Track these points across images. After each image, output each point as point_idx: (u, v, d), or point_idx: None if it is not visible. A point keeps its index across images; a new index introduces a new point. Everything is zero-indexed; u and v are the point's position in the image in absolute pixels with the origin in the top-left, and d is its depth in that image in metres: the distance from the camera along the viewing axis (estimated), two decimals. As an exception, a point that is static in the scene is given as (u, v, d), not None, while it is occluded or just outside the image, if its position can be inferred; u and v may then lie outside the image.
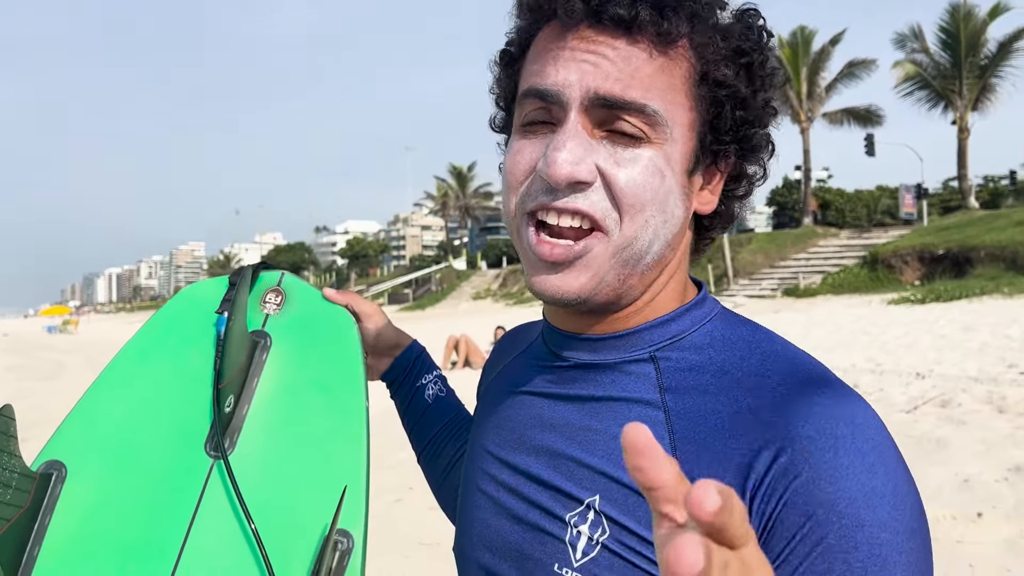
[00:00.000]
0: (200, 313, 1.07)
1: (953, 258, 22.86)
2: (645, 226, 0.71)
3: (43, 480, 0.97)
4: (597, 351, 0.77)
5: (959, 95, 31.05)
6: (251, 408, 1.02)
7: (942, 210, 36.67)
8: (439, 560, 4.16)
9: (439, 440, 1.13)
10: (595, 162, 0.69)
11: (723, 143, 0.74)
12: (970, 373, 8.66)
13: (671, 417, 0.70)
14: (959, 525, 4.22)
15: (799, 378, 0.68)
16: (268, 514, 0.95)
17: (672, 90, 0.70)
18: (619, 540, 0.68)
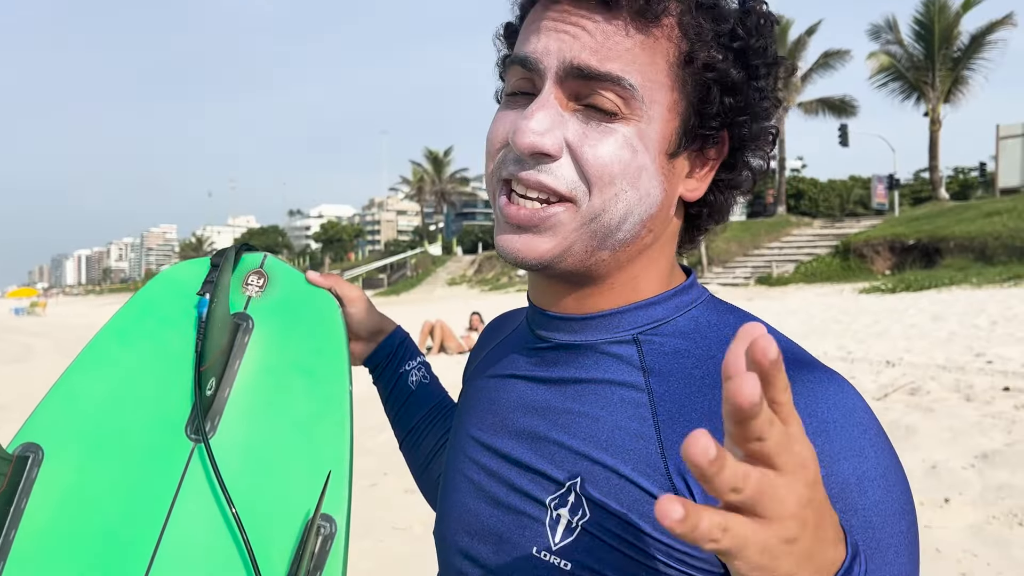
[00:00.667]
0: (181, 295, 1.06)
1: (923, 248, 23.15)
2: (615, 199, 0.70)
3: (19, 463, 0.95)
4: (578, 332, 0.77)
5: (932, 87, 31.37)
6: (232, 391, 1.00)
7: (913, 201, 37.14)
8: (413, 543, 4.17)
9: (421, 427, 1.12)
10: (564, 135, 0.69)
11: (711, 128, 0.72)
12: (938, 361, 8.78)
13: (655, 399, 0.70)
14: (927, 510, 4.29)
15: (787, 358, 0.67)
16: (249, 498, 0.94)
17: (652, 67, 0.69)
18: (599, 523, 0.68)
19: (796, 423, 0.44)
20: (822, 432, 0.63)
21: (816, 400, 0.64)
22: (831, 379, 0.66)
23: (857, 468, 0.62)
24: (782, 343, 0.70)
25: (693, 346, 0.72)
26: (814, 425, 0.63)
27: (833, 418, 0.63)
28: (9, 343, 22.03)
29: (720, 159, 0.76)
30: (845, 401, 0.65)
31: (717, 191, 0.78)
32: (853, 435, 0.63)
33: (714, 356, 0.70)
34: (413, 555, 4.00)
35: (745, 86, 0.72)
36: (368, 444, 5.73)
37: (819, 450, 0.62)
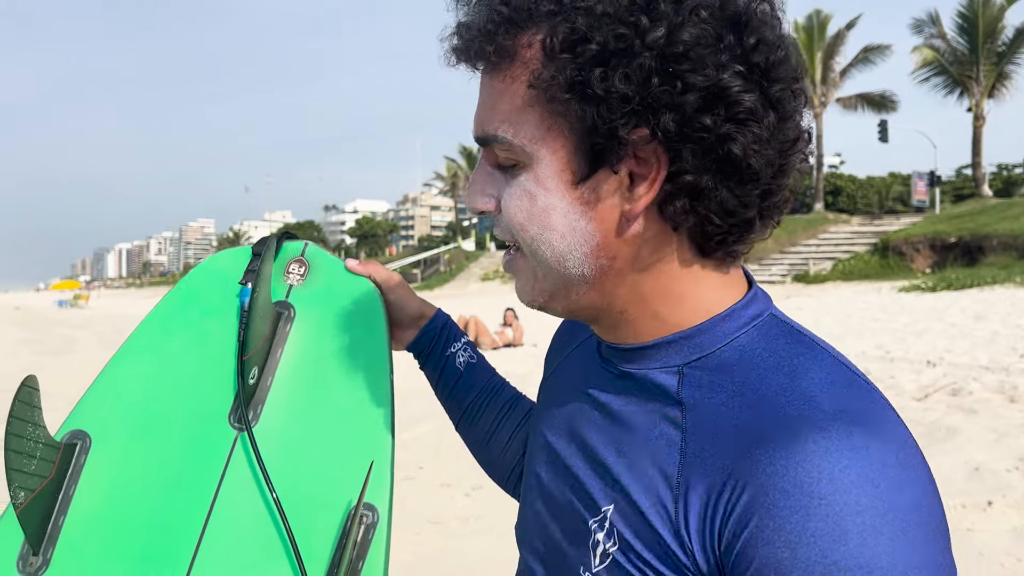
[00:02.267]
0: (222, 284, 1.06)
1: (965, 246, 22.72)
2: (535, 242, 0.71)
3: (67, 450, 0.97)
4: (630, 361, 0.75)
5: (976, 82, 30.76)
6: (275, 380, 1.01)
7: (955, 198, 36.44)
8: (449, 538, 4.19)
9: (476, 408, 1.13)
10: (496, 191, 0.74)
11: (599, 144, 0.65)
12: (981, 362, 8.62)
13: (686, 438, 0.67)
14: (969, 513, 4.22)
15: (810, 412, 0.61)
16: (291, 487, 0.95)
17: (516, 110, 0.68)
18: (625, 554, 0.68)
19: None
20: (800, 510, 0.57)
21: (815, 470, 0.58)
22: (842, 443, 0.58)
23: (828, 554, 0.55)
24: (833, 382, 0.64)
25: (729, 380, 0.68)
26: (797, 501, 0.57)
27: (820, 493, 0.57)
28: (53, 335, 22.50)
29: (662, 162, 0.65)
30: (848, 473, 0.57)
31: (676, 197, 0.67)
32: (837, 516, 0.56)
33: (744, 393, 0.66)
34: (449, 549, 4.02)
35: (616, 86, 0.62)
36: (403, 437, 5.76)
37: (791, 530, 0.57)
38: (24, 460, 0.89)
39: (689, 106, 0.62)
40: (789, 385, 0.64)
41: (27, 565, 0.94)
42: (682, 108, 0.63)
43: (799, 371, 0.65)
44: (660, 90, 0.62)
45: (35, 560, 0.93)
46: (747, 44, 0.64)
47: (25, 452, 0.89)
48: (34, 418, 0.91)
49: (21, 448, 0.89)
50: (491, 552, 3.87)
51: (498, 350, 12.85)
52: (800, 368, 0.66)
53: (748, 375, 0.67)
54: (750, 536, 0.59)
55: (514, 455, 1.12)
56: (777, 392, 0.64)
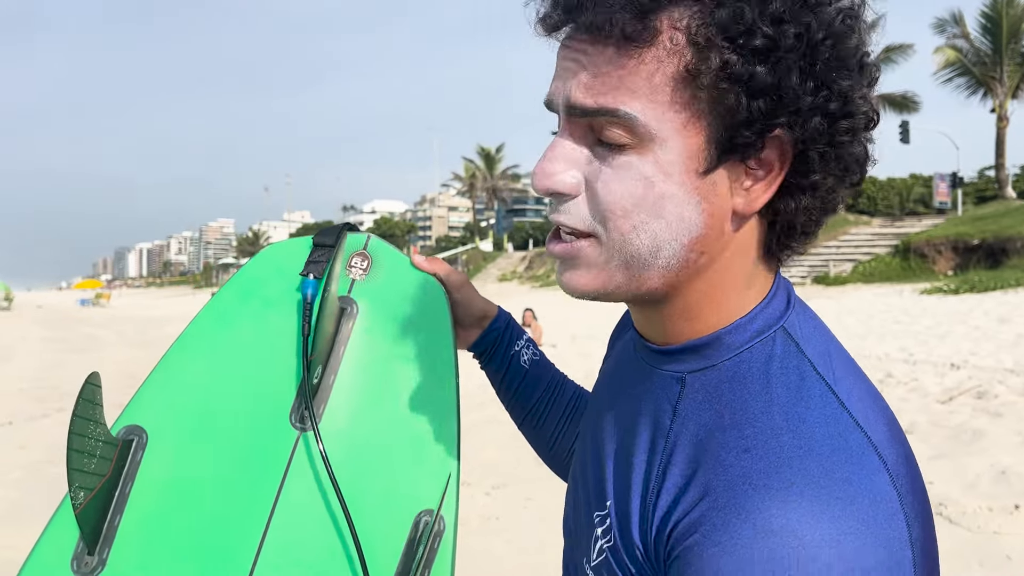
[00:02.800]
0: (283, 275, 1.02)
1: (988, 248, 22.47)
2: (635, 231, 0.66)
3: (124, 447, 0.94)
4: (653, 360, 0.76)
5: (999, 82, 30.42)
6: (337, 379, 0.98)
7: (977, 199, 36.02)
8: (469, 537, 4.19)
9: (540, 407, 1.11)
10: (580, 171, 0.68)
11: (745, 137, 0.64)
12: (1006, 365, 8.52)
13: (669, 446, 0.68)
14: (996, 516, 4.17)
15: (759, 459, 0.60)
16: (354, 490, 0.92)
17: (653, 90, 0.64)
18: (612, 550, 0.69)
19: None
20: (719, 544, 0.57)
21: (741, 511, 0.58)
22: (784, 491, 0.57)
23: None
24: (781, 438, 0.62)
25: (716, 399, 0.68)
26: (721, 539, 0.57)
27: (741, 534, 0.57)
28: (76, 334, 22.72)
29: (786, 160, 0.66)
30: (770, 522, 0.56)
31: (789, 196, 0.68)
32: (748, 559, 0.55)
33: (721, 415, 0.66)
34: (471, 548, 4.02)
35: (781, 83, 0.63)
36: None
37: (707, 564, 0.57)
38: (85, 459, 0.87)
39: (834, 112, 0.64)
40: (761, 417, 0.64)
41: (82, 565, 0.91)
42: (829, 113, 0.64)
43: (776, 403, 0.64)
44: (817, 94, 0.64)
45: (90, 560, 0.91)
46: (862, 53, 0.67)
47: (87, 451, 0.87)
48: (96, 416, 0.89)
49: (83, 447, 0.87)
50: (512, 550, 3.87)
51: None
52: (779, 400, 0.65)
53: (734, 394, 0.67)
54: (675, 558, 0.60)
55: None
56: (751, 419, 0.64)
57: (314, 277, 0.98)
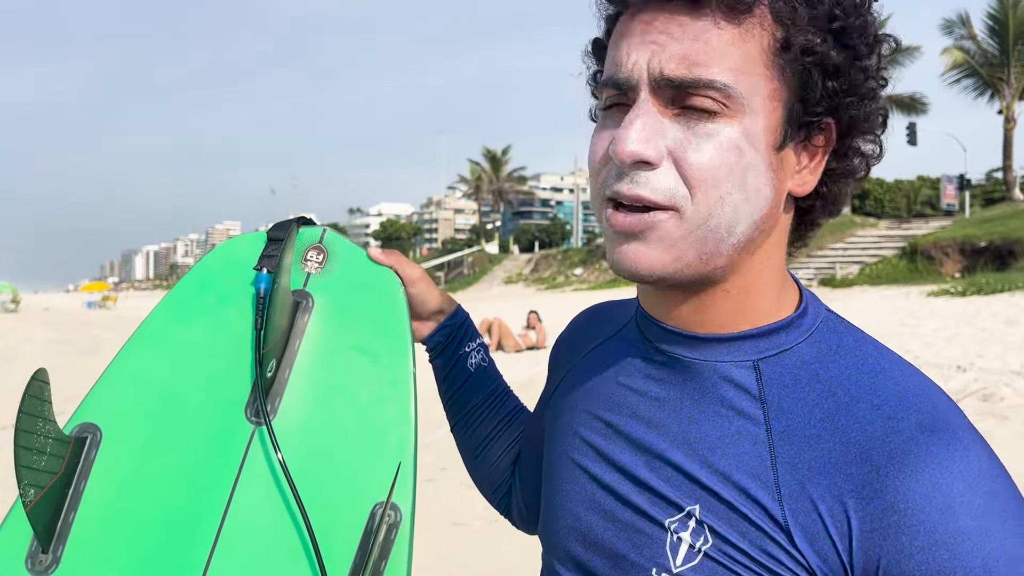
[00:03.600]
0: (237, 270, 1.02)
1: (996, 250, 22.39)
2: (721, 203, 0.67)
3: (77, 444, 0.94)
4: (698, 350, 0.74)
5: (1007, 84, 30.34)
6: (292, 372, 0.98)
7: (985, 201, 35.94)
8: (471, 539, 4.18)
9: (478, 412, 1.11)
10: (664, 143, 0.67)
11: (815, 115, 0.69)
12: (1013, 367, 8.48)
13: (773, 438, 0.68)
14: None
15: (914, 416, 0.64)
16: (310, 483, 0.92)
17: (747, 60, 0.66)
18: (722, 551, 0.67)
19: None
20: (947, 510, 0.60)
21: (944, 473, 0.61)
22: (960, 442, 0.62)
23: (981, 547, 0.59)
24: (909, 383, 0.68)
25: (814, 377, 0.69)
26: (939, 502, 0.60)
27: (959, 491, 0.60)
28: (83, 336, 22.78)
29: (829, 147, 0.72)
30: (971, 470, 0.61)
31: (829, 181, 0.74)
32: (977, 510, 0.60)
33: (835, 393, 0.68)
34: (471, 550, 4.00)
35: (847, 67, 0.69)
36: (426, 439, 5.76)
37: (944, 531, 0.59)
38: (35, 456, 0.86)
39: (879, 99, 0.72)
40: (878, 384, 0.67)
41: (36, 563, 0.91)
42: (877, 99, 0.72)
43: (878, 371, 0.68)
44: (875, 80, 0.71)
45: (44, 558, 0.91)
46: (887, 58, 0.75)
47: (35, 448, 0.86)
48: (44, 412, 0.88)
49: (31, 444, 0.86)
50: (513, 553, 3.85)
51: (521, 352, 12.84)
52: (878, 367, 0.69)
53: (832, 372, 0.69)
54: (900, 547, 0.60)
55: (504, 470, 1.12)
56: (868, 392, 0.67)
57: (268, 271, 0.97)
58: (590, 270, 36.93)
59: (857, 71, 0.69)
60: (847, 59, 0.69)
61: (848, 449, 0.64)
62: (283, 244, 1.00)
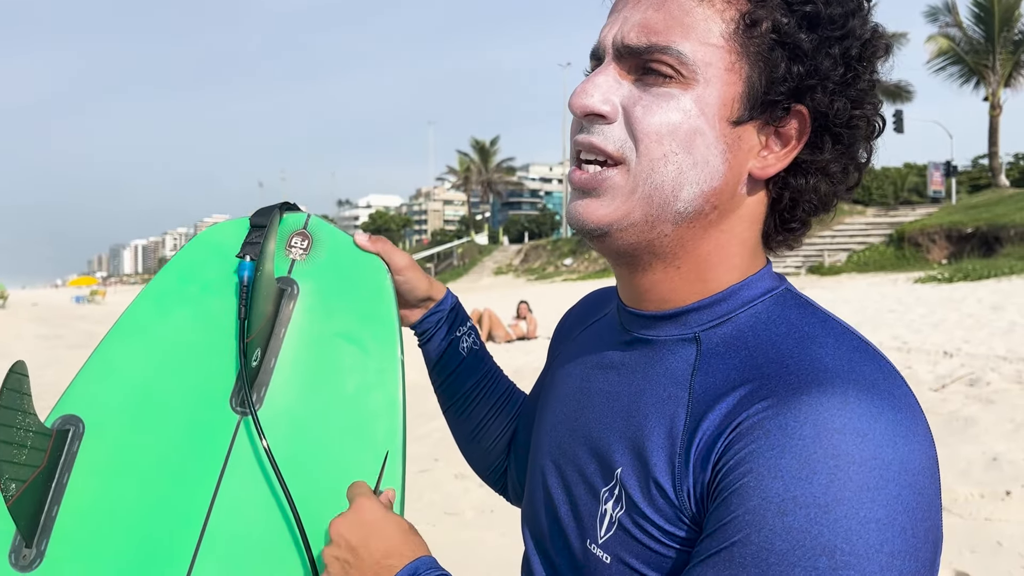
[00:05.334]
0: (219, 258, 1.00)
1: (982, 237, 22.52)
2: (664, 160, 0.69)
3: (59, 437, 0.92)
4: (652, 328, 0.77)
5: (992, 71, 30.44)
6: (278, 361, 0.96)
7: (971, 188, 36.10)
8: (465, 528, 4.20)
9: (471, 396, 1.11)
10: (618, 99, 0.71)
11: (778, 94, 0.69)
12: (999, 352, 8.54)
13: (692, 400, 0.69)
14: (987, 503, 4.18)
15: (817, 373, 0.62)
16: (298, 472, 0.91)
17: (707, 32, 0.69)
18: (630, 515, 0.69)
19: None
20: (777, 447, 0.58)
21: (800, 416, 0.59)
22: (844, 399, 0.59)
23: (791, 489, 0.57)
24: (840, 347, 0.65)
25: (742, 344, 0.70)
26: (776, 439, 0.59)
27: (801, 434, 0.58)
28: (72, 330, 22.66)
29: (803, 136, 0.71)
30: (834, 419, 0.58)
31: (801, 174, 0.73)
32: (811, 456, 0.57)
33: (754, 357, 0.68)
34: (465, 540, 4.02)
35: (816, 53, 0.68)
36: (420, 431, 5.77)
37: (763, 464, 0.58)
38: (15, 450, 0.85)
39: (855, 99, 0.71)
40: (799, 350, 0.66)
41: (20, 558, 0.89)
42: (855, 99, 0.71)
43: (809, 338, 0.67)
44: (847, 76, 0.70)
45: (28, 552, 0.89)
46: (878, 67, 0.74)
47: (15, 441, 0.85)
48: (23, 406, 0.86)
49: (11, 438, 0.84)
50: (506, 542, 3.87)
51: (512, 343, 12.85)
52: (810, 335, 0.68)
53: (760, 339, 0.69)
54: (730, 466, 0.61)
55: (500, 452, 1.13)
56: (786, 355, 0.66)
57: (251, 259, 0.95)
58: (580, 260, 36.93)
59: (826, 58, 0.69)
60: (815, 44, 0.69)
61: (742, 402, 0.64)
62: (266, 231, 0.98)
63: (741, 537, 0.58)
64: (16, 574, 0.89)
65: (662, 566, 0.67)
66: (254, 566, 0.89)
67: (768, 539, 0.57)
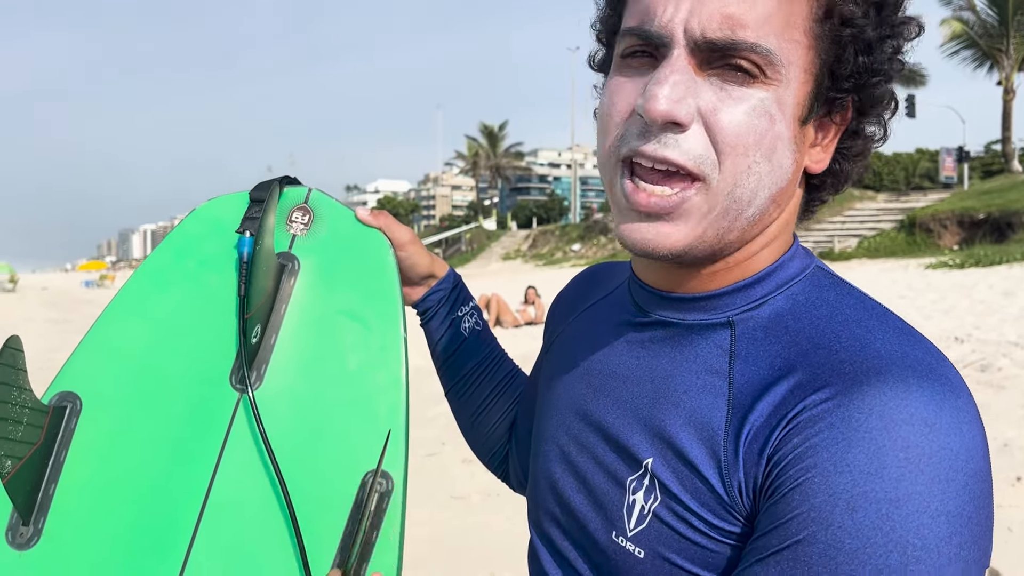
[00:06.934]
0: (219, 232, 0.98)
1: (994, 223, 22.37)
2: (748, 172, 0.64)
3: (56, 414, 0.91)
4: (680, 311, 0.73)
5: (1005, 55, 30.14)
6: (279, 338, 0.95)
7: (984, 174, 35.82)
8: (471, 513, 4.20)
9: (472, 377, 1.09)
10: (697, 103, 0.63)
11: (842, 91, 0.67)
12: (1010, 338, 8.49)
13: (733, 388, 0.66)
14: (998, 489, 4.16)
15: (870, 361, 0.60)
16: (299, 452, 0.90)
17: (789, 26, 0.63)
18: (668, 508, 0.66)
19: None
20: (843, 440, 0.56)
21: (865, 407, 0.57)
22: (907, 388, 0.57)
23: (859, 485, 0.55)
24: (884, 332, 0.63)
25: (783, 329, 0.67)
26: (841, 433, 0.57)
27: (868, 426, 0.56)
28: (81, 315, 22.76)
29: (844, 125, 0.70)
30: (900, 411, 0.56)
31: (841, 160, 0.72)
32: (880, 449, 0.55)
33: (799, 342, 0.65)
34: (471, 525, 4.02)
35: (879, 44, 0.66)
36: (427, 414, 5.78)
37: (828, 459, 0.56)
38: (10, 426, 0.83)
39: (891, 75, 0.69)
40: (844, 333, 0.64)
41: (17, 536, 0.89)
42: (889, 76, 0.69)
43: (854, 321, 0.64)
44: (894, 63, 0.68)
45: (25, 530, 0.88)
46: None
47: (11, 417, 0.83)
48: (19, 381, 0.85)
49: (7, 414, 0.83)
50: (512, 527, 3.87)
51: (520, 328, 12.84)
52: (854, 319, 0.65)
53: (802, 323, 0.66)
54: (789, 460, 0.58)
55: (501, 436, 1.10)
56: (832, 340, 0.63)
57: (250, 234, 0.93)
58: (588, 246, 36.88)
59: (887, 50, 0.67)
60: (880, 35, 0.66)
61: (794, 394, 0.61)
62: (266, 205, 0.96)
63: (807, 535, 0.56)
64: (13, 552, 0.88)
65: (708, 561, 0.64)
66: (254, 545, 0.88)
67: (837, 537, 0.55)
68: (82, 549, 0.88)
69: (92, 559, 0.88)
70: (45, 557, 0.88)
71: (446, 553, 3.64)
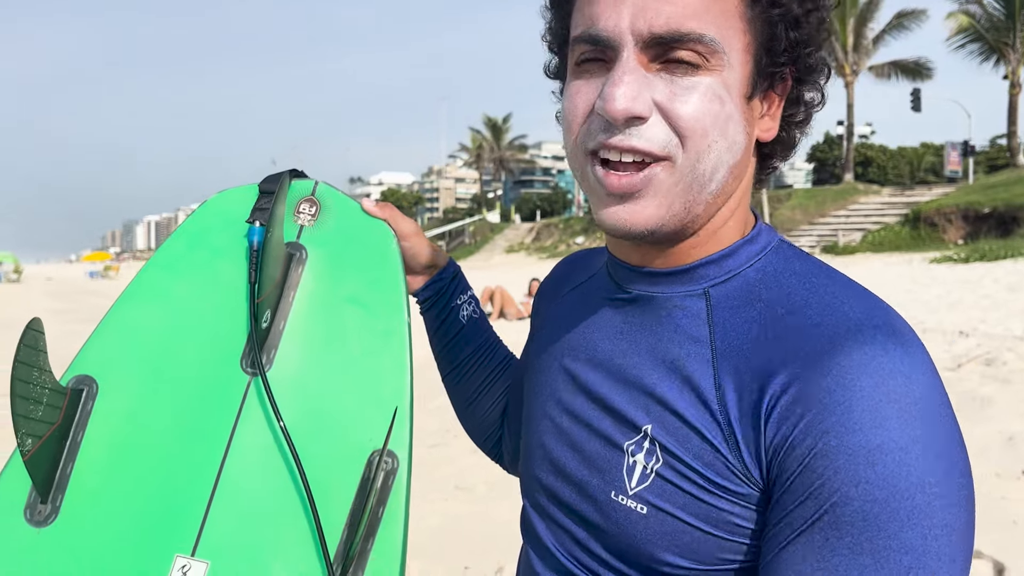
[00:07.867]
0: (229, 223, 1.01)
1: (999, 217, 22.33)
2: (708, 151, 0.70)
3: (73, 396, 0.93)
4: (656, 284, 0.78)
5: (1012, 48, 30.01)
6: (287, 324, 0.98)
7: (989, 168, 35.75)
8: (476, 503, 4.21)
9: (469, 363, 1.14)
10: (652, 96, 0.69)
11: (778, 65, 0.73)
12: (1015, 332, 8.49)
13: (716, 354, 0.72)
14: (1003, 483, 4.17)
15: (841, 321, 0.67)
16: (308, 432, 0.92)
17: (725, 15, 0.69)
18: (672, 468, 0.71)
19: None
20: (844, 403, 0.62)
21: (853, 368, 0.63)
22: (883, 347, 0.64)
23: (871, 439, 0.61)
24: (852, 295, 0.70)
25: (756, 298, 0.73)
26: (840, 395, 0.62)
27: (861, 385, 0.62)
28: (85, 305, 22.83)
29: (785, 95, 0.77)
30: (883, 367, 0.63)
31: (787, 127, 0.79)
32: (877, 404, 0.61)
33: (772, 307, 0.72)
34: (476, 514, 4.04)
35: (805, 17, 0.73)
36: (431, 405, 5.79)
37: (836, 422, 0.62)
38: (31, 406, 0.86)
39: (823, 49, 0.76)
40: (813, 298, 0.70)
41: (35, 513, 0.91)
42: (820, 45, 0.75)
43: (820, 286, 0.72)
44: (821, 32, 0.74)
45: (44, 508, 0.91)
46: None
47: (31, 397, 0.86)
48: (39, 362, 0.87)
49: (27, 393, 0.85)
50: (515, 516, 3.88)
51: (524, 320, 12.86)
52: (819, 284, 0.72)
53: (773, 292, 0.73)
54: (798, 432, 0.63)
55: (495, 420, 1.16)
56: (803, 305, 0.70)
57: (260, 224, 0.96)
58: (591, 239, 36.87)
59: (813, 22, 0.73)
60: (804, 10, 0.72)
61: (775, 356, 0.67)
62: (275, 196, 0.99)
63: (839, 497, 0.61)
64: (32, 529, 0.91)
65: (711, 517, 0.69)
66: (265, 521, 0.91)
67: (868, 491, 0.60)
68: (98, 526, 0.91)
69: (108, 535, 0.90)
70: (62, 534, 0.90)
71: (453, 542, 3.66)
